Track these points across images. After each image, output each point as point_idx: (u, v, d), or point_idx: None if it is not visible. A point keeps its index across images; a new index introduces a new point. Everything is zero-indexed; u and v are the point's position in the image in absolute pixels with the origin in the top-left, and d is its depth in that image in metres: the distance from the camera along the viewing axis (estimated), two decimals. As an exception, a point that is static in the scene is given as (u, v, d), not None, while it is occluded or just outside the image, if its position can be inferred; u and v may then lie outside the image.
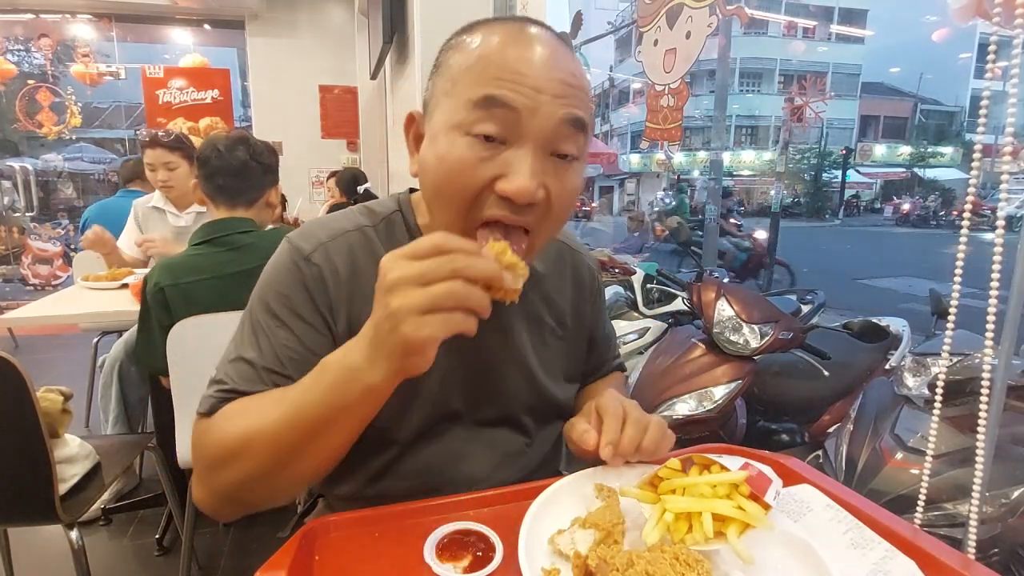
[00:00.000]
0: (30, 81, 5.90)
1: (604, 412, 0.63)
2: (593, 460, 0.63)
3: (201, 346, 1.36)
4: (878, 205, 25.96)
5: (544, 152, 0.57)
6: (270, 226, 1.64)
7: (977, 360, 1.29)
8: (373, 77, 4.10)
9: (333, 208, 3.31)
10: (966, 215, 0.85)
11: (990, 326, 0.82)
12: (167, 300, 1.40)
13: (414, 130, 0.65)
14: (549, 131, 0.56)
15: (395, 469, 0.69)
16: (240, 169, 1.47)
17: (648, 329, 2.44)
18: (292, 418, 0.53)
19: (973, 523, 0.89)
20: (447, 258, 0.47)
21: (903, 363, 1.53)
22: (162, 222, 2.35)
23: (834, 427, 1.79)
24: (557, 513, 0.57)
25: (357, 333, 0.61)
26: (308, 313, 0.64)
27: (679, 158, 24.45)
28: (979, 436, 0.85)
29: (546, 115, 0.55)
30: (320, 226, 0.68)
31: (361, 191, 3.25)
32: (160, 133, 2.28)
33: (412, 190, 0.74)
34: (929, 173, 25.75)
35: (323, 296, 0.64)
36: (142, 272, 2.12)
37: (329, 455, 0.56)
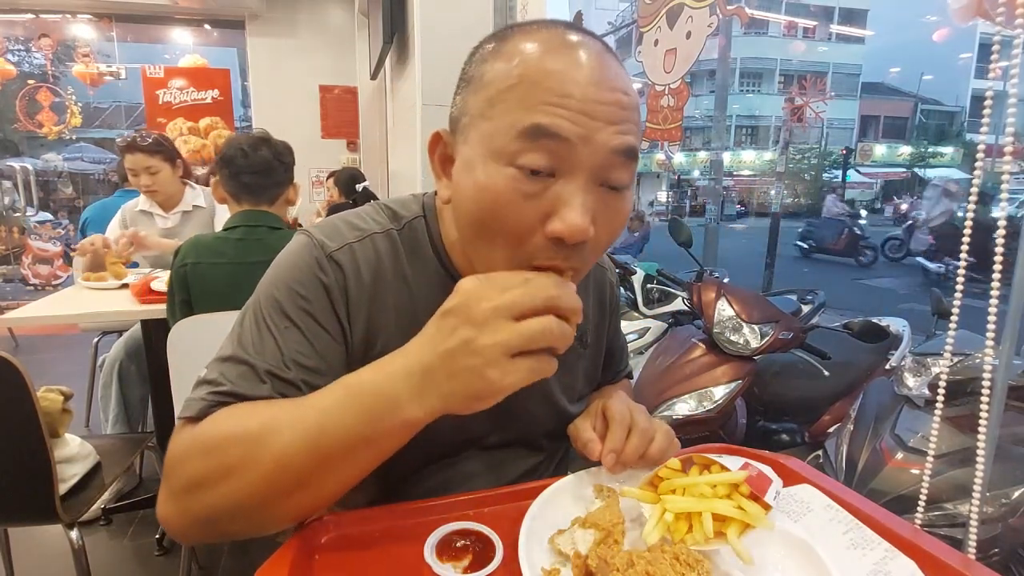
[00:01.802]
0: (30, 81, 5.90)
1: (611, 418, 0.62)
2: (595, 460, 0.63)
3: (201, 346, 1.36)
4: (878, 205, 25.96)
5: (595, 184, 0.50)
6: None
7: (978, 360, 1.28)
8: (373, 77, 4.10)
9: (331, 208, 3.31)
10: (969, 215, 0.85)
11: (991, 326, 0.82)
12: (187, 277, 1.47)
13: (440, 151, 0.58)
14: (600, 162, 0.50)
15: (406, 490, 0.68)
16: (265, 167, 1.56)
17: (648, 329, 2.43)
18: (310, 440, 0.47)
19: (973, 523, 0.89)
20: (540, 285, 0.44)
21: (903, 363, 1.53)
22: (150, 224, 2.34)
23: (834, 427, 1.79)
24: (557, 513, 0.57)
25: (372, 343, 0.60)
26: (325, 317, 0.58)
27: (679, 158, 24.46)
28: (979, 436, 0.85)
29: (599, 145, 0.49)
30: (345, 223, 0.63)
31: (360, 189, 3.25)
32: (138, 137, 2.23)
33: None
34: (929, 173, 25.74)
35: (343, 300, 0.59)
36: (142, 272, 2.12)
37: (338, 488, 0.50)
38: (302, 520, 0.54)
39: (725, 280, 2.42)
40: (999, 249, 0.80)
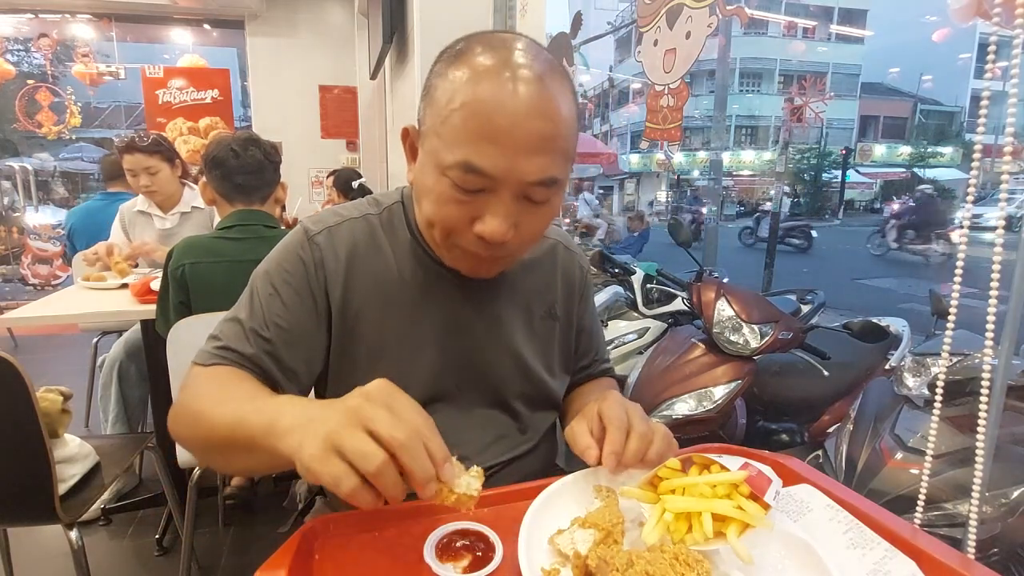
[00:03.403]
0: (30, 81, 5.89)
1: (608, 421, 0.62)
2: (593, 465, 0.63)
3: (200, 346, 1.37)
4: (878, 205, 25.96)
5: (518, 197, 0.61)
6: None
7: (977, 360, 1.28)
8: (373, 77, 4.10)
9: None
10: (967, 215, 0.85)
11: (990, 326, 0.82)
12: (186, 279, 1.47)
13: (410, 142, 0.70)
14: (523, 186, 0.60)
15: None
16: (257, 168, 1.56)
17: (648, 329, 2.43)
18: (225, 425, 0.55)
19: (973, 523, 0.89)
20: (399, 427, 0.45)
21: (903, 363, 1.52)
22: (148, 225, 2.34)
23: (834, 427, 1.79)
24: (557, 513, 0.57)
25: (350, 311, 0.71)
26: (301, 286, 0.70)
27: (679, 158, 24.45)
28: (979, 436, 0.85)
29: (520, 175, 0.59)
30: (331, 212, 0.76)
31: (356, 186, 3.25)
32: (137, 137, 2.22)
33: None
34: (929, 173, 25.72)
35: (319, 273, 0.70)
36: (142, 272, 2.12)
37: (251, 472, 0.62)
38: (253, 476, 0.59)
39: (725, 280, 2.42)
40: (997, 248, 0.80)
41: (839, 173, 23.18)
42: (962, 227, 0.84)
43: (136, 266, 2.25)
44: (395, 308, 0.73)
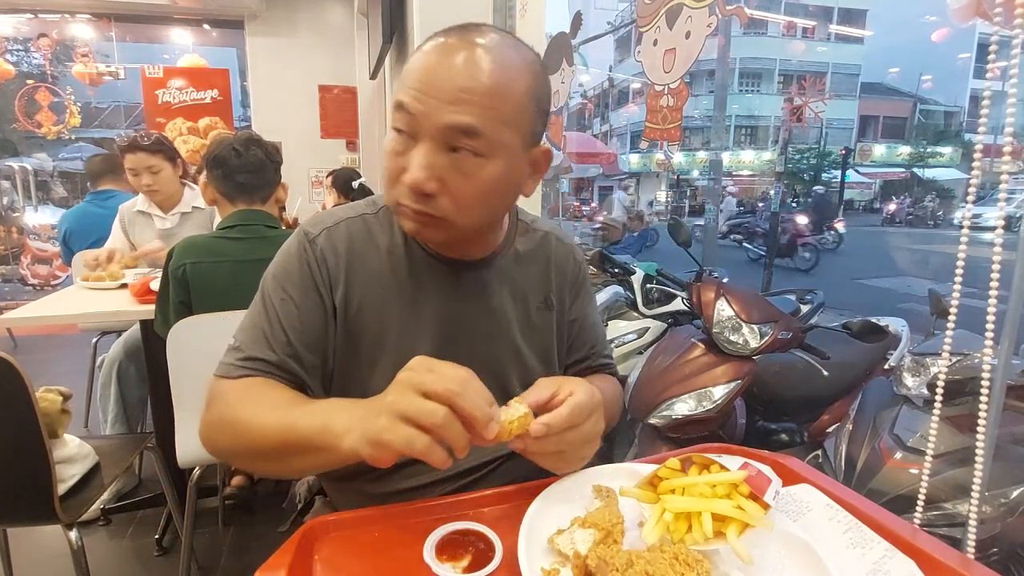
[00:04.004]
0: (29, 81, 5.89)
1: (570, 404, 0.59)
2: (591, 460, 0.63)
3: (201, 347, 1.37)
4: (877, 205, 25.95)
5: (442, 148, 0.63)
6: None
7: (976, 360, 1.28)
8: (373, 77, 4.10)
9: None
10: (967, 215, 0.85)
11: (990, 326, 0.82)
12: (187, 278, 1.46)
13: None
14: (439, 132, 0.62)
15: None
16: (259, 167, 1.57)
17: (648, 329, 2.43)
18: (276, 432, 0.60)
19: (973, 523, 0.89)
20: (450, 378, 0.51)
21: (902, 363, 1.53)
22: (148, 225, 2.34)
23: (833, 427, 1.79)
24: (557, 513, 0.57)
25: (351, 306, 0.74)
26: (308, 287, 0.72)
27: (679, 158, 24.45)
28: (979, 436, 0.85)
29: (435, 118, 0.62)
30: (328, 214, 0.78)
31: (355, 186, 3.25)
32: (139, 136, 2.23)
33: None
34: (928, 173, 25.74)
35: (322, 273, 0.73)
36: (141, 272, 2.12)
37: (300, 472, 0.65)
38: (290, 478, 0.63)
39: (724, 280, 2.42)
40: (997, 248, 0.80)
41: (839, 173, 23.16)
42: (962, 227, 0.84)
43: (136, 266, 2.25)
44: (393, 302, 0.75)
